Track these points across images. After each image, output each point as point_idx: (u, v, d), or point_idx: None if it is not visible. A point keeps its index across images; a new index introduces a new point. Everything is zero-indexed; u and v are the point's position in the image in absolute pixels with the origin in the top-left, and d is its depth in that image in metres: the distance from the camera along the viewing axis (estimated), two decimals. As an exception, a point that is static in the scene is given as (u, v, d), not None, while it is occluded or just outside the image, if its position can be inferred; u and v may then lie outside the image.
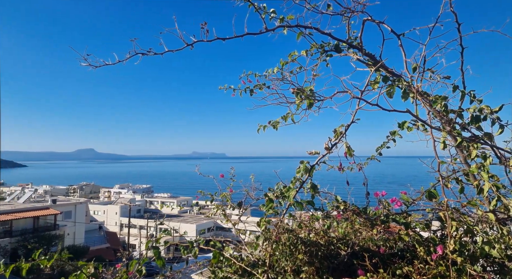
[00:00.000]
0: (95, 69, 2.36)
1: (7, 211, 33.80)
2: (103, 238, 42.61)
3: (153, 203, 75.51)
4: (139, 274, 2.95)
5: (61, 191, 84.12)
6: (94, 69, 2.36)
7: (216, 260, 2.77)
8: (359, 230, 2.44)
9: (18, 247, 31.86)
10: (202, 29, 2.21)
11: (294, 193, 2.51)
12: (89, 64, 2.33)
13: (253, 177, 4.34)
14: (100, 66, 2.35)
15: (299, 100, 1.93)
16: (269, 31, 2.38)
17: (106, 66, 2.46)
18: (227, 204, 3.61)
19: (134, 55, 2.36)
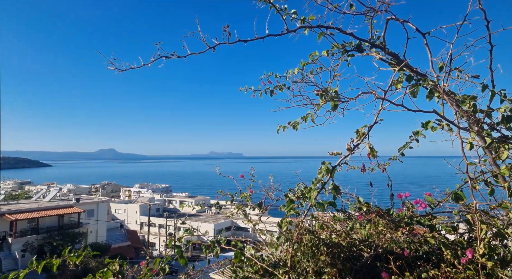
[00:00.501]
0: (121, 72, 2.44)
1: (34, 209, 35.18)
2: (124, 236, 43.64)
3: (171, 202, 76.76)
4: (163, 272, 3.02)
5: (84, 190, 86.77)
6: (120, 72, 2.43)
7: (238, 259, 2.80)
8: (382, 232, 2.40)
9: (44, 244, 33.09)
10: (224, 32, 2.24)
11: (316, 194, 2.50)
12: (115, 68, 2.41)
13: (272, 177, 4.36)
14: (126, 70, 2.42)
15: (323, 101, 1.92)
16: (290, 32, 2.39)
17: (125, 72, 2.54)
18: (247, 204, 3.64)
19: (158, 59, 2.42)
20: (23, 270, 2.79)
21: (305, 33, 2.51)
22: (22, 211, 34.16)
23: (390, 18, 2.10)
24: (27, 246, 32.37)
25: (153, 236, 50.10)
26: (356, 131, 2.25)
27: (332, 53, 2.65)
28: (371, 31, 2.30)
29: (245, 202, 3.67)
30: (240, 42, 2.49)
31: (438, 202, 2.64)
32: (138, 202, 64.07)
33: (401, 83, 2.50)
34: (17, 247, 32.04)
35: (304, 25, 2.39)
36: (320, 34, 2.54)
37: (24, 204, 38.58)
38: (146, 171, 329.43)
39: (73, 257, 3.02)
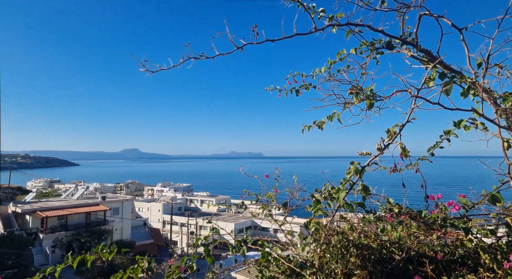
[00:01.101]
0: (152, 74, 2.50)
1: (63, 207, 36.66)
2: (147, 234, 44.68)
3: (193, 202, 77.90)
4: (191, 270, 3.07)
5: (109, 189, 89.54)
6: (151, 74, 2.49)
7: (265, 259, 2.80)
8: (414, 235, 2.33)
9: (72, 240, 34.42)
10: (253, 32, 2.25)
11: (344, 194, 2.47)
12: (146, 70, 2.47)
13: (296, 177, 4.33)
14: (156, 71, 2.48)
15: (358, 100, 1.89)
16: (318, 31, 2.36)
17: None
18: (272, 204, 3.63)
19: (187, 60, 2.46)
20: (60, 265, 2.91)
21: (333, 31, 2.48)
22: (52, 208, 35.68)
23: (423, 14, 2.03)
24: (57, 242, 33.77)
25: (175, 234, 51.03)
26: (387, 130, 2.20)
27: (360, 51, 2.60)
28: (402, 28, 2.24)
29: (270, 202, 3.67)
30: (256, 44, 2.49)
31: (473, 204, 2.54)
32: (161, 201, 65.45)
33: (433, 81, 2.42)
34: (47, 243, 33.50)
35: (332, 23, 2.36)
36: (348, 31, 2.50)
37: (54, 201, 40.28)
38: (168, 170, 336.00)
39: (105, 253, 3.12)
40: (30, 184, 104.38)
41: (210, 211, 68.28)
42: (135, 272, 3.11)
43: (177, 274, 3.07)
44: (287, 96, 3.28)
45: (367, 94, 1.86)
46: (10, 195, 48.30)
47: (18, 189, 58.92)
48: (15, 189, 56.53)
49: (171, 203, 45.49)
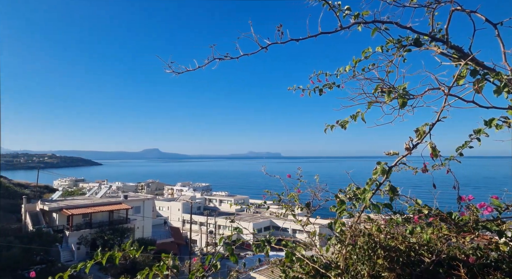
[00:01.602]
0: (178, 75, 2.54)
1: (88, 205, 37.87)
2: (168, 233, 45.46)
3: (211, 201, 78.67)
4: (215, 269, 3.10)
5: (131, 188, 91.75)
6: (177, 75, 2.54)
7: (289, 259, 2.79)
8: (445, 237, 2.27)
9: (96, 238, 35.47)
10: (277, 32, 2.25)
11: (370, 195, 2.42)
12: (172, 71, 2.51)
13: (317, 177, 4.30)
14: (182, 73, 2.52)
15: (389, 99, 1.85)
16: (343, 29, 2.34)
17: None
18: (295, 205, 3.62)
19: (212, 61, 2.48)
20: (90, 261, 3.01)
21: (359, 29, 2.44)
22: (77, 206, 36.93)
23: (455, 9, 1.97)
24: (81, 239, 34.90)
25: (194, 233, 51.68)
26: (415, 129, 2.14)
27: (386, 48, 2.55)
28: (432, 24, 2.18)
29: (293, 202, 3.66)
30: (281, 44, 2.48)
31: (507, 206, 2.44)
32: (180, 200, 66.48)
33: (463, 79, 2.34)
34: (73, 240, 34.68)
35: (358, 21, 2.33)
36: (374, 29, 2.45)
37: (79, 200, 41.68)
38: (187, 170, 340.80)
39: (132, 251, 3.20)
40: (57, 183, 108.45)
41: (229, 211, 68.78)
42: (161, 270, 3.18)
43: (201, 272, 3.11)
44: (310, 96, 3.26)
45: (400, 93, 1.82)
46: (38, 193, 50.38)
47: (46, 187, 61.36)
48: (43, 187, 58.90)
49: (190, 203, 46.10)
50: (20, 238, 27.63)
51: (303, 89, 3.21)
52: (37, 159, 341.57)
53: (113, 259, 3.09)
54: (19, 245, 25.34)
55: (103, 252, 2.97)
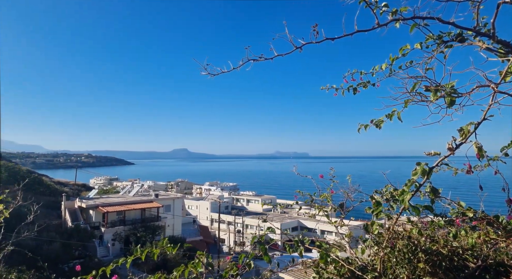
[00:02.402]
0: (213, 77, 2.60)
1: (121, 203, 39.44)
2: (197, 231, 46.35)
3: (239, 201, 79.27)
4: (248, 268, 3.13)
5: (161, 187, 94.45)
6: (212, 77, 2.59)
7: (324, 260, 2.77)
8: (491, 242, 2.15)
9: (129, 235, 36.84)
10: (313, 31, 2.24)
11: (409, 196, 2.35)
12: (208, 73, 2.57)
13: (350, 178, 4.22)
14: (218, 74, 2.57)
15: (436, 97, 1.79)
16: (381, 27, 2.28)
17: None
18: (328, 205, 3.58)
19: (247, 62, 2.51)
20: (130, 257, 3.15)
21: (396, 26, 2.37)
22: (112, 204, 38.56)
23: (502, 2, 1.87)
24: (116, 236, 36.40)
25: (222, 232, 52.33)
26: (459, 129, 2.05)
27: (426, 45, 2.46)
28: (477, 18, 2.08)
29: (326, 203, 3.62)
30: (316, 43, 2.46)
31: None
32: (209, 200, 67.57)
33: (511, 75, 2.22)
34: (108, 236, 36.25)
35: (396, 18, 2.27)
36: (412, 25, 2.38)
37: (113, 198, 43.50)
38: (215, 170, 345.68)
39: (169, 248, 3.31)
40: (93, 181, 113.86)
41: (256, 211, 68.99)
42: (197, 267, 3.26)
43: (235, 271, 3.15)
44: (343, 95, 3.21)
45: (448, 91, 1.75)
46: (76, 191, 53.16)
47: (83, 186, 64.61)
48: (80, 185, 62.06)
49: (218, 202, 46.75)
50: (60, 234, 29.28)
51: (337, 89, 3.17)
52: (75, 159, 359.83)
53: (151, 255, 3.21)
54: (60, 240, 26.86)
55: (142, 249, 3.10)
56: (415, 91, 2.86)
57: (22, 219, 5.11)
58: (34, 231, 5.16)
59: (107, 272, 3.07)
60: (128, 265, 3.19)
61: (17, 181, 36.67)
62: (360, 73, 2.93)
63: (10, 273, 7.37)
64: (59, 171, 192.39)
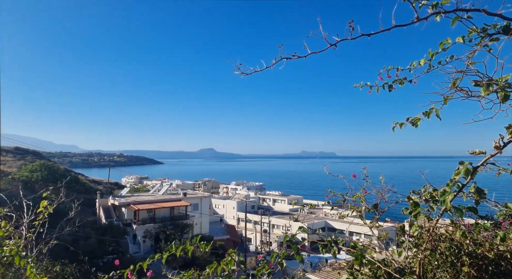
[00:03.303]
0: (246, 76, 2.62)
1: (152, 201, 40.68)
2: (224, 230, 46.93)
3: (265, 200, 79.33)
4: (281, 267, 3.13)
5: (189, 186, 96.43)
6: (245, 76, 2.61)
7: (359, 262, 2.71)
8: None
9: (159, 232, 37.92)
10: (349, 27, 2.20)
11: (451, 197, 2.25)
12: (241, 72, 2.59)
13: (383, 178, 4.11)
14: (251, 73, 2.59)
15: (487, 92, 1.70)
16: (420, 21, 2.20)
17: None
18: (361, 206, 3.50)
19: (280, 60, 2.51)
20: (165, 253, 3.24)
21: (437, 19, 2.28)
22: (143, 202, 39.87)
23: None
24: (146, 233, 37.60)
25: (249, 231, 52.61)
26: (507, 126, 1.94)
27: (469, 39, 2.34)
28: (527, 8, 1.95)
29: (359, 203, 3.54)
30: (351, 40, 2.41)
31: None
32: (235, 199, 68.15)
33: None
34: (139, 233, 37.52)
35: (437, 11, 2.18)
36: (454, 18, 2.27)
37: (144, 196, 44.96)
38: (241, 169, 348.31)
39: (202, 245, 3.37)
40: (124, 180, 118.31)
41: (282, 210, 68.76)
42: (229, 264, 3.30)
43: (267, 269, 3.15)
44: (378, 92, 3.13)
45: (501, 85, 1.65)
46: (109, 189, 55.44)
47: (115, 184, 67.30)
48: (113, 184, 64.68)
49: (245, 201, 47.05)
50: (95, 230, 30.67)
51: (371, 86, 3.10)
52: (108, 158, 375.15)
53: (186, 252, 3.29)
54: (95, 236, 28.14)
55: (157, 246, 3.18)
56: (456, 87, 2.74)
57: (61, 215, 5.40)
58: (75, 227, 5.44)
59: (144, 267, 3.18)
60: (164, 260, 3.29)
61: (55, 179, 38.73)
62: (397, 69, 2.84)
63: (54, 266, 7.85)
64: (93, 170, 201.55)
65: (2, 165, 51.88)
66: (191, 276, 3.18)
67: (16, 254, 3.26)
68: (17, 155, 66.93)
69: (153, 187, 55.73)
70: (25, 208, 4.48)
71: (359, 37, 2.30)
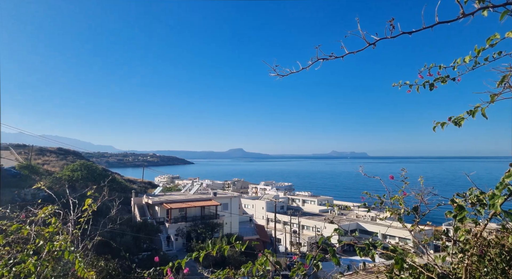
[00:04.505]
0: (281, 78, 2.63)
1: (183, 200, 41.70)
2: (253, 230, 47.12)
3: (294, 201, 78.80)
4: (317, 269, 3.11)
5: (219, 186, 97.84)
6: (281, 78, 2.63)
7: (399, 266, 2.63)
8: None
9: (191, 231, 38.79)
10: (389, 26, 2.15)
11: (502, 201, 2.13)
12: (277, 74, 2.61)
13: (422, 179, 3.96)
14: (286, 75, 2.60)
15: None
16: (466, 16, 2.11)
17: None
18: (400, 208, 3.40)
19: (316, 61, 2.50)
20: (202, 251, 3.32)
21: (484, 14, 2.17)
22: (175, 201, 40.97)
23: None
24: (179, 231, 38.59)
25: (278, 232, 52.49)
26: None
27: (519, 33, 2.21)
28: None
29: (397, 206, 3.43)
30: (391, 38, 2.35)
31: None
32: (264, 199, 68.25)
33: None
34: (171, 231, 38.59)
35: (485, 6, 2.07)
36: (504, 12, 2.15)
37: (175, 195, 46.19)
38: (269, 169, 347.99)
39: (238, 244, 3.42)
40: (157, 179, 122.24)
41: (312, 211, 67.98)
42: (265, 264, 3.32)
43: (302, 271, 3.14)
44: (418, 91, 3.03)
45: None
46: (143, 188, 57.53)
47: (149, 183, 69.75)
48: (147, 183, 67.07)
49: (274, 201, 46.98)
50: (130, 227, 31.93)
51: (410, 85, 3.00)
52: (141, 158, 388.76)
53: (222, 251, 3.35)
54: (130, 234, 29.31)
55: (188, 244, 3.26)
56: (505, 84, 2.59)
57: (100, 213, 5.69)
58: (116, 224, 5.72)
59: (183, 264, 3.28)
60: (201, 258, 3.37)
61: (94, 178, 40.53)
62: (439, 67, 2.74)
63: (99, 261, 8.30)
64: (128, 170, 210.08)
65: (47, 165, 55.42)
66: (226, 275, 3.24)
67: (66, 249, 3.49)
68: (60, 155, 71.22)
69: (184, 187, 57.13)
70: (71, 206, 4.77)
71: (399, 35, 2.24)
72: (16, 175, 37.53)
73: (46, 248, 3.54)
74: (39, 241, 3.70)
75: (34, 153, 58.58)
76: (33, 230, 3.72)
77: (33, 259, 3.44)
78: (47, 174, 43.92)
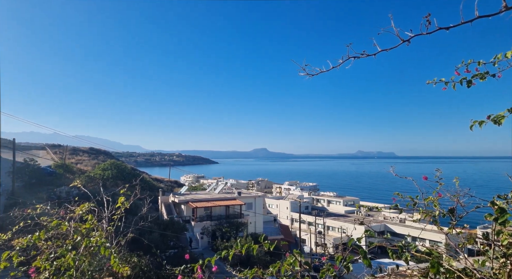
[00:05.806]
0: (311, 77, 2.61)
1: (208, 199, 42.32)
2: (277, 230, 47.04)
3: (319, 201, 77.83)
4: (347, 271, 3.06)
5: (243, 185, 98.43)
6: (311, 77, 2.61)
7: (435, 270, 2.54)
8: None
9: (216, 229, 39.30)
10: (426, 22, 2.08)
11: (550, 203, 2.01)
12: (307, 73, 2.59)
13: (457, 180, 3.80)
14: (317, 74, 2.58)
15: None
16: (509, 9, 2.00)
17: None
18: (435, 210, 3.27)
19: (347, 60, 2.46)
20: (231, 249, 3.36)
21: (529, 6, 2.05)
22: (200, 200, 41.66)
23: None
24: (204, 230, 39.20)
25: (303, 232, 52.05)
26: None
27: None
28: None
29: (432, 208, 3.31)
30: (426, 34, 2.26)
31: None
32: (289, 199, 67.91)
33: None
34: (197, 230, 39.27)
35: (530, -2, 1.96)
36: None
37: (201, 194, 46.96)
38: (293, 169, 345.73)
39: (266, 244, 3.43)
40: (183, 178, 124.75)
41: (337, 212, 66.89)
42: (294, 265, 3.31)
43: (332, 272, 3.10)
44: (454, 88, 2.91)
45: None
46: (170, 187, 58.92)
47: (175, 182, 71.30)
48: (173, 182, 68.60)
49: (299, 202, 46.66)
50: (158, 225, 32.78)
51: (446, 82, 2.89)
52: (168, 158, 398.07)
53: (251, 250, 3.37)
54: (158, 231, 30.10)
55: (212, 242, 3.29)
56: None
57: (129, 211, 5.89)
58: (147, 222, 5.90)
59: (212, 262, 3.34)
60: (231, 257, 3.42)
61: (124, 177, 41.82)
62: (478, 63, 2.62)
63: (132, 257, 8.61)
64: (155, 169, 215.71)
65: (80, 164, 58.00)
66: (254, 274, 3.25)
67: (102, 245, 3.64)
68: (92, 155, 74.34)
69: (209, 186, 57.93)
70: (105, 204, 4.98)
71: (436, 31, 2.16)
72: (52, 173, 39.55)
73: (84, 243, 3.72)
74: (76, 237, 3.88)
75: (68, 152, 61.50)
76: (72, 226, 3.91)
77: (71, 254, 3.62)
78: (80, 172, 45.98)
